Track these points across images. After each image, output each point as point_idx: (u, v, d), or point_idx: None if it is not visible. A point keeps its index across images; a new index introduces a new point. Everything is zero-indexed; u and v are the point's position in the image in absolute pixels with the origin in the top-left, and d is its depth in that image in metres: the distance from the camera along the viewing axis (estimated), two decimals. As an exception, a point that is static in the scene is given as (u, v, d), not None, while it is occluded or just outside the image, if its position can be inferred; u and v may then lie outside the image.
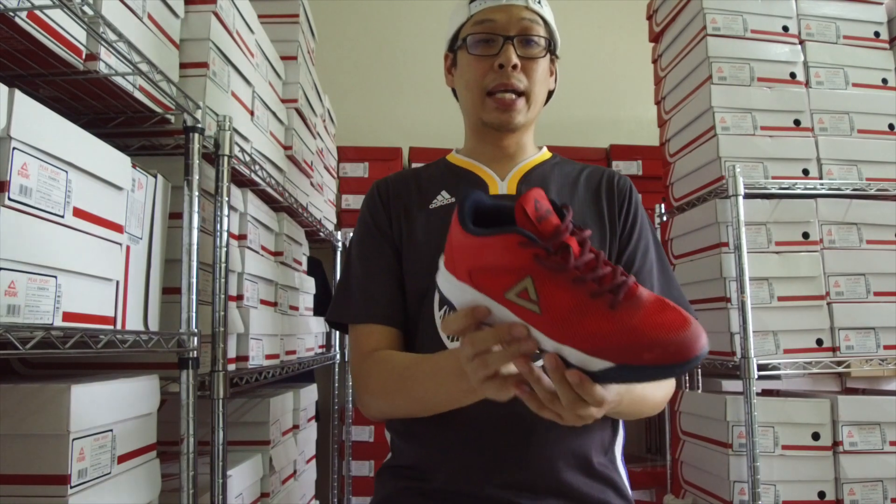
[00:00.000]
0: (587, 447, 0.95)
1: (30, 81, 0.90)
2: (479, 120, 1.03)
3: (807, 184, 1.74)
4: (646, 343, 0.55)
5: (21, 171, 0.68)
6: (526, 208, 0.58)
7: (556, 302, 0.57)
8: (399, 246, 1.02)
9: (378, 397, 0.95)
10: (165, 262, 1.03)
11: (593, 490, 0.94)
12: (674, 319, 0.56)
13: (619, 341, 0.55)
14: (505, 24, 0.99)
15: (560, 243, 0.58)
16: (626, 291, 0.57)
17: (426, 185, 1.06)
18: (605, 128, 3.05)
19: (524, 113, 1.02)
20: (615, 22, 3.15)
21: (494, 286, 0.60)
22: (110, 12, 0.88)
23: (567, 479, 0.92)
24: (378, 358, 0.95)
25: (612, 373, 0.57)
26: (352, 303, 1.01)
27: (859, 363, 1.68)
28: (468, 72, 1.02)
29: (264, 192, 1.51)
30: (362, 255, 1.03)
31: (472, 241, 0.61)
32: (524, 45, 1.00)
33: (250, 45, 1.41)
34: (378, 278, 1.00)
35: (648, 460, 2.62)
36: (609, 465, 0.98)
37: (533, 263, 0.58)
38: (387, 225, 1.03)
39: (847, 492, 1.62)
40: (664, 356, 0.55)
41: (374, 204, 1.06)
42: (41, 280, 0.70)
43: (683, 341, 0.55)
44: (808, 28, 1.86)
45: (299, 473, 1.70)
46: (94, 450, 0.79)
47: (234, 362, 1.27)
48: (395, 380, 0.91)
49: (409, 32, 3.16)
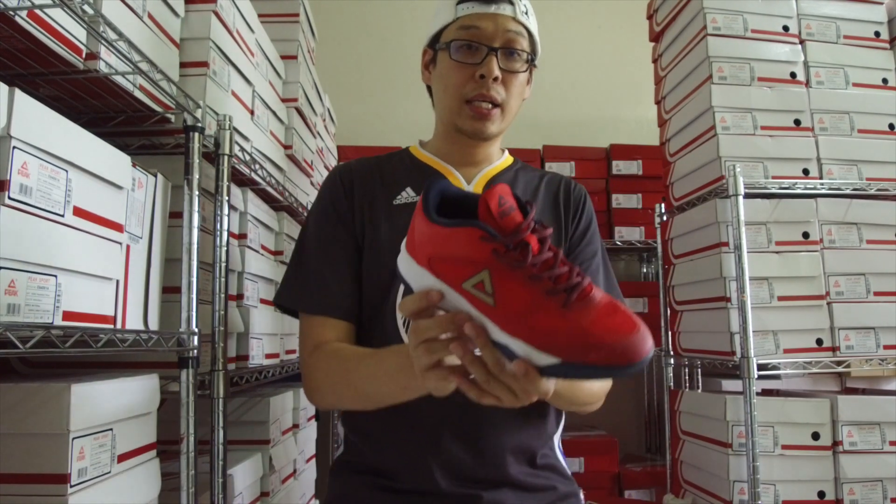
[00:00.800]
0: (533, 440, 0.99)
1: (30, 80, 0.90)
2: (454, 125, 1.03)
3: (807, 184, 1.74)
4: (593, 343, 0.56)
5: (21, 171, 0.68)
6: (489, 204, 0.59)
7: (511, 296, 0.59)
8: (360, 237, 1.01)
9: (325, 391, 0.96)
10: (165, 262, 1.03)
11: (539, 479, 0.99)
12: (622, 323, 0.57)
13: (567, 339, 0.57)
14: (491, 33, 0.98)
15: (520, 241, 0.59)
16: (580, 292, 0.59)
17: (389, 178, 1.06)
18: (605, 127, 3.05)
19: (498, 123, 1.02)
20: (615, 22, 3.14)
21: (453, 275, 0.62)
22: (110, 11, 0.88)
23: (513, 472, 0.96)
24: (327, 351, 0.95)
25: (557, 369, 0.58)
26: (306, 291, 1.00)
27: (859, 363, 1.68)
28: (448, 76, 1.01)
29: (264, 192, 1.51)
30: (320, 242, 1.02)
31: (434, 230, 0.62)
32: (507, 58, 0.99)
33: (250, 45, 1.41)
34: (336, 268, 0.99)
35: (648, 460, 2.62)
36: (550, 453, 1.03)
37: (491, 258, 0.59)
38: (348, 214, 1.02)
39: (847, 491, 1.62)
40: (609, 358, 0.56)
41: (335, 190, 1.04)
42: (41, 279, 0.71)
43: (630, 345, 0.56)
44: (808, 28, 1.86)
45: (299, 472, 1.70)
46: (93, 449, 0.79)
47: (234, 361, 1.27)
48: (341, 373, 0.92)
49: (409, 32, 3.16)
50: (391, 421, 0.94)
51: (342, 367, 0.92)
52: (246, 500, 1.32)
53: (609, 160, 2.72)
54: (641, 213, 2.66)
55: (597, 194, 2.67)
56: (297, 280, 1.02)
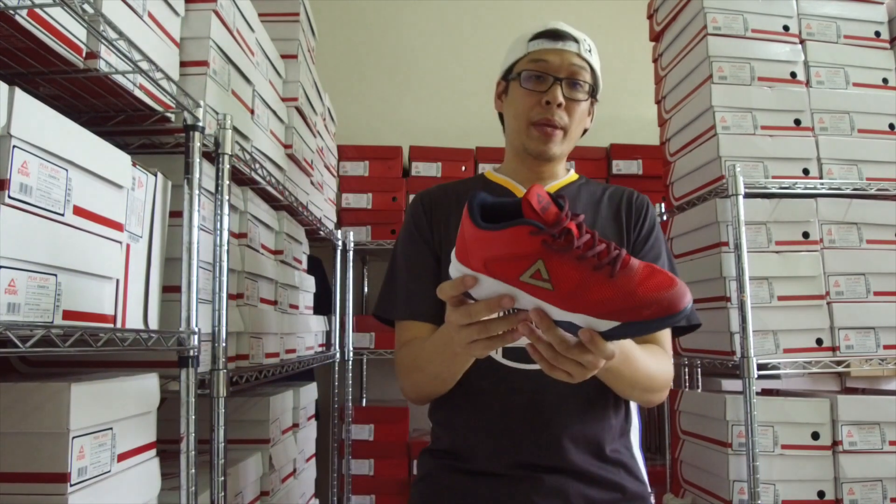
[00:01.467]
0: (600, 433, 1.07)
1: (30, 79, 0.90)
2: (522, 146, 1.15)
3: (807, 183, 1.74)
4: (644, 302, 0.66)
5: (21, 170, 0.68)
6: (531, 202, 0.67)
7: (565, 278, 0.67)
8: (439, 251, 1.13)
9: (404, 378, 1.10)
10: (165, 261, 1.03)
11: (606, 472, 1.06)
12: (662, 280, 0.67)
13: (621, 304, 0.66)
14: (557, 66, 1.10)
15: (563, 228, 0.67)
16: (622, 262, 0.68)
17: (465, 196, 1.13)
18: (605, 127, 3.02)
19: (560, 145, 1.14)
20: (615, 21, 3.14)
21: (509, 272, 0.69)
22: (111, 11, 0.88)
23: (575, 459, 1.04)
24: (408, 346, 1.09)
25: (619, 330, 0.67)
26: (397, 301, 1.13)
27: (859, 363, 1.68)
28: (518, 102, 1.13)
29: (264, 191, 1.51)
30: (406, 259, 1.15)
31: (485, 235, 0.69)
32: (570, 87, 1.11)
33: (251, 44, 1.41)
34: (419, 280, 1.12)
35: (648, 459, 2.60)
36: (623, 451, 1.10)
37: (542, 248, 0.67)
38: (428, 232, 1.15)
39: (846, 491, 1.62)
40: (659, 310, 0.66)
41: (417, 213, 1.17)
42: (41, 278, 0.71)
43: (674, 297, 0.66)
44: (808, 27, 1.86)
45: (299, 472, 1.71)
46: (93, 448, 0.79)
47: (233, 361, 1.28)
48: (412, 359, 1.07)
49: (409, 31, 3.16)
50: (465, 411, 1.08)
51: (413, 354, 1.06)
52: (246, 499, 1.32)
53: (609, 160, 2.72)
54: (641, 212, 2.65)
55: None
56: (388, 294, 1.16)
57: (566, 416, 1.05)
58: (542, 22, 1.17)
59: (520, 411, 1.05)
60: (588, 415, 1.06)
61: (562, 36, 1.13)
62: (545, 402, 1.04)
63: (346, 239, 2.47)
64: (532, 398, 1.04)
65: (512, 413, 1.05)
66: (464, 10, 3.14)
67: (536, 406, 1.05)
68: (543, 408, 1.05)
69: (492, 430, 1.06)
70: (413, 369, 1.07)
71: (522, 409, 1.05)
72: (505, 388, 1.05)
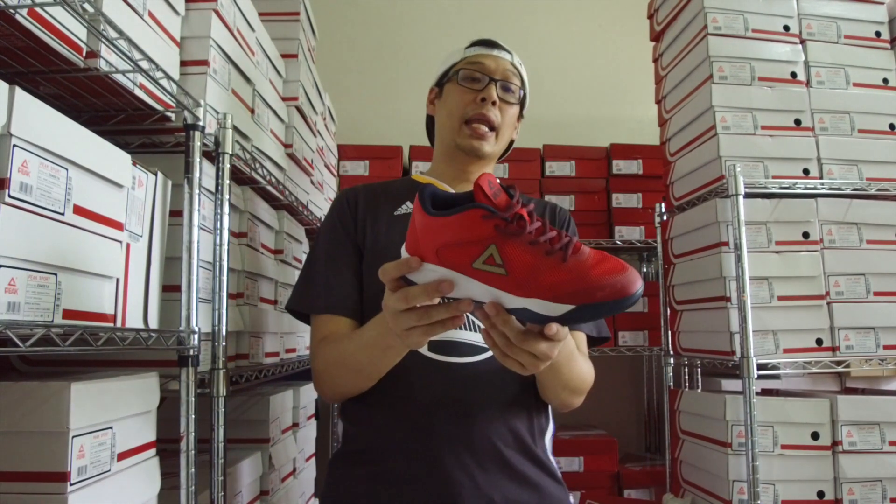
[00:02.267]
0: (524, 431, 1.06)
1: (30, 79, 0.90)
2: (453, 143, 1.17)
3: (807, 183, 1.74)
4: (598, 285, 0.66)
5: (21, 169, 0.68)
6: (483, 187, 0.68)
7: (519, 262, 0.67)
8: (362, 247, 1.12)
9: (324, 376, 1.06)
10: (166, 260, 1.03)
11: (532, 472, 1.05)
12: (614, 265, 0.68)
13: (575, 286, 0.66)
14: (493, 69, 1.17)
15: (515, 213, 0.68)
16: (573, 248, 0.68)
17: (393, 196, 1.19)
18: (605, 127, 3.05)
19: (492, 144, 1.17)
20: (616, 21, 3.14)
21: (462, 259, 0.69)
22: (111, 10, 0.88)
23: (508, 456, 1.03)
24: (326, 341, 1.06)
25: (575, 313, 0.67)
26: (313, 294, 1.10)
27: (859, 363, 1.69)
28: (452, 100, 1.18)
29: (265, 190, 1.51)
30: (326, 252, 1.13)
31: (437, 222, 0.69)
32: (504, 90, 1.17)
33: (251, 43, 1.41)
34: (339, 273, 1.10)
35: (648, 459, 2.62)
36: (542, 453, 1.09)
37: (495, 233, 0.67)
38: (352, 227, 1.14)
39: (846, 491, 1.62)
40: (613, 292, 0.66)
41: (341, 207, 1.17)
42: (41, 277, 0.71)
43: (625, 280, 0.67)
44: (809, 28, 1.86)
45: (299, 471, 1.71)
46: (93, 447, 0.79)
47: (233, 360, 1.28)
48: (336, 355, 1.02)
49: (409, 31, 3.16)
50: (386, 405, 1.03)
51: (336, 349, 1.02)
52: (245, 498, 1.32)
53: (609, 160, 2.72)
54: (641, 212, 2.66)
55: (597, 194, 2.67)
56: (305, 287, 1.13)
57: (493, 412, 1.03)
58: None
59: (443, 407, 1.01)
60: (513, 412, 1.05)
61: (497, 45, 1.20)
62: (472, 398, 1.02)
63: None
64: (458, 394, 1.01)
65: (435, 409, 1.01)
66: (464, 10, 3.14)
67: (460, 401, 1.01)
68: (470, 404, 1.02)
69: (414, 427, 1.01)
70: (334, 364, 1.02)
71: (445, 404, 1.01)
72: (429, 382, 1.02)
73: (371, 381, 1.01)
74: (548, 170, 2.67)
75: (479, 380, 1.03)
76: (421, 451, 1.00)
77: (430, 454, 1.00)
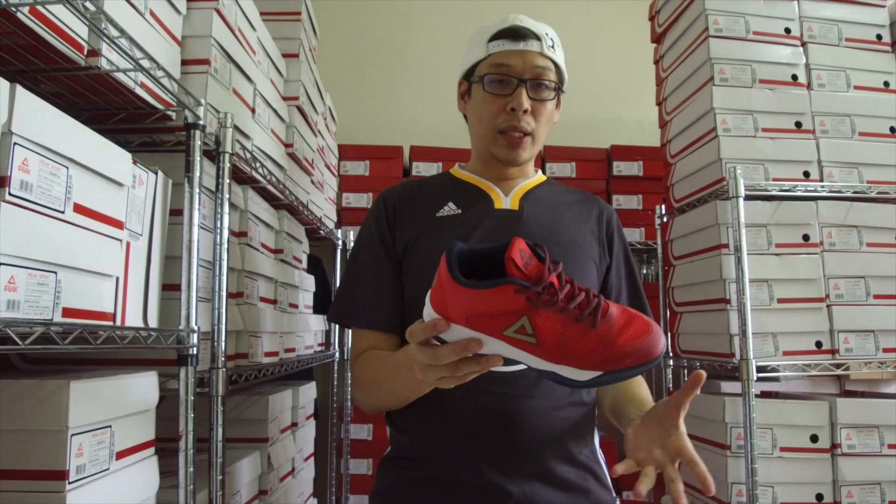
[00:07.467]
0: (568, 438, 1.04)
1: (31, 77, 0.90)
2: (489, 152, 1.12)
3: (807, 186, 1.74)
4: (625, 352, 0.69)
5: (22, 167, 0.68)
6: (515, 259, 0.69)
7: (549, 332, 0.69)
8: (401, 254, 1.09)
9: (361, 391, 1.08)
10: (165, 259, 1.03)
11: (576, 477, 1.04)
12: (640, 327, 0.71)
13: (604, 356, 0.69)
14: (520, 69, 1.06)
15: (547, 283, 0.69)
16: (601, 311, 0.70)
17: (433, 194, 1.14)
18: (606, 128, 3.05)
19: (529, 150, 1.11)
20: (617, 22, 3.14)
21: (493, 327, 0.70)
22: (112, 8, 0.88)
23: (551, 465, 1.01)
24: (365, 357, 1.06)
25: (602, 378, 0.70)
26: (353, 307, 1.10)
27: (858, 366, 1.68)
28: (482, 108, 1.10)
29: (265, 190, 1.51)
30: (365, 263, 1.11)
31: (468, 293, 0.69)
32: (535, 89, 1.08)
33: (252, 43, 1.41)
34: (379, 286, 1.09)
35: (646, 461, 2.61)
36: (590, 455, 1.08)
37: (526, 305, 0.68)
38: (389, 236, 1.11)
39: (845, 494, 1.62)
40: (639, 358, 0.70)
41: (379, 215, 1.13)
42: (41, 275, 0.71)
43: (651, 344, 0.70)
44: (810, 30, 1.86)
45: (297, 471, 1.70)
46: (92, 445, 0.79)
47: (233, 359, 1.28)
48: (371, 374, 1.03)
49: (410, 31, 3.16)
50: (433, 415, 1.03)
51: (372, 368, 1.03)
52: (244, 498, 1.32)
53: (610, 161, 2.72)
54: (642, 214, 2.66)
55: (597, 195, 2.67)
56: (344, 299, 1.12)
57: (537, 419, 1.01)
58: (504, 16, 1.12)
59: (488, 416, 1.00)
60: (557, 419, 1.03)
61: (523, 35, 1.07)
62: (516, 405, 1.00)
63: (346, 238, 2.48)
64: (503, 401, 1.00)
65: (481, 417, 1.00)
66: (464, 10, 3.14)
67: (505, 411, 1.00)
68: (515, 411, 1.00)
69: (460, 434, 1.01)
70: (370, 385, 1.03)
71: (491, 413, 1.00)
72: (474, 390, 0.96)
73: (408, 402, 1.01)
74: (548, 171, 2.67)
75: (523, 387, 1.01)
76: (466, 459, 1.00)
77: (475, 461, 0.99)
